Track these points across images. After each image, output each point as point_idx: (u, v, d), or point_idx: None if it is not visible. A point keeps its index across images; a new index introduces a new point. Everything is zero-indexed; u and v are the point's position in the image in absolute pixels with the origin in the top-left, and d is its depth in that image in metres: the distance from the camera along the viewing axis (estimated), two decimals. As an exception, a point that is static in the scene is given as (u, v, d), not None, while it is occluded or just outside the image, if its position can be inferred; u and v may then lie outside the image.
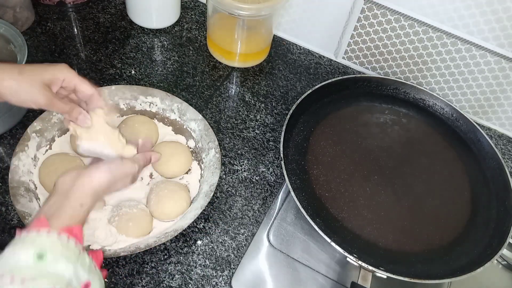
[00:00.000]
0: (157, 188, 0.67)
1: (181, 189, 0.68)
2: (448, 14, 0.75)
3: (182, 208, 0.67)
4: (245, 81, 0.86)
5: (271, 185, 0.73)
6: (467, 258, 0.64)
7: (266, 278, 0.64)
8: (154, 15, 0.89)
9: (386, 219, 0.67)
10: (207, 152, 0.72)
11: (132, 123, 0.74)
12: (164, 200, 0.66)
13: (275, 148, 0.78)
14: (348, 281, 0.64)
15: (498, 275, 0.69)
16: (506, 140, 0.87)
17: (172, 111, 0.76)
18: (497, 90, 0.81)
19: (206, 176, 0.70)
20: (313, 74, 0.89)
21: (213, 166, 0.70)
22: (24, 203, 0.61)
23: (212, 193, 0.66)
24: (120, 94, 0.76)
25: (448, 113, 0.81)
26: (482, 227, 0.68)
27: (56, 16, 0.90)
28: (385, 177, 0.72)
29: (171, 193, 0.67)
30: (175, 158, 0.71)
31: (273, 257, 0.66)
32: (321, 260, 0.66)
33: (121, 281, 0.61)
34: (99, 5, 0.93)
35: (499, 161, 0.73)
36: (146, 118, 0.75)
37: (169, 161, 0.70)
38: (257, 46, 0.87)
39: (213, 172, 0.69)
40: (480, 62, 0.79)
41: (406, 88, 0.83)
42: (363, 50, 0.88)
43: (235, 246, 0.66)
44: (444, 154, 0.77)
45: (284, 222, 0.69)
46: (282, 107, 0.83)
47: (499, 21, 0.72)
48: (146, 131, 0.73)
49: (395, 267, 0.60)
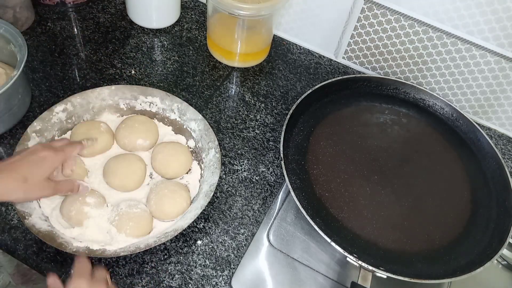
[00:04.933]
0: (157, 188, 0.68)
1: (181, 189, 0.68)
2: (448, 14, 0.75)
3: (182, 208, 0.67)
4: (245, 81, 0.86)
5: (271, 185, 0.73)
6: (467, 258, 0.64)
7: (266, 278, 0.64)
8: (154, 15, 0.89)
9: (386, 219, 0.67)
10: (207, 152, 0.72)
11: (132, 123, 0.74)
12: (164, 200, 0.66)
13: (275, 148, 0.78)
14: (348, 281, 0.64)
15: (498, 275, 0.69)
16: (506, 140, 0.87)
17: (172, 111, 0.76)
18: (497, 90, 0.81)
19: (206, 176, 0.70)
20: (313, 74, 0.89)
21: (213, 166, 0.70)
22: (24, 203, 0.61)
23: (212, 193, 0.66)
24: (120, 94, 0.76)
25: (448, 113, 0.81)
26: (482, 227, 0.68)
27: (56, 16, 0.90)
28: (385, 177, 0.72)
29: (171, 193, 0.67)
30: (175, 158, 0.71)
31: (273, 257, 0.66)
32: (321, 260, 0.66)
33: (121, 281, 0.61)
34: (99, 5, 0.93)
35: (499, 161, 0.73)
36: (146, 118, 0.75)
37: (169, 161, 0.70)
38: (257, 46, 0.87)
39: (213, 172, 0.69)
40: (480, 62, 0.79)
41: (406, 88, 0.83)
42: (363, 50, 0.88)
43: (235, 246, 0.66)
44: (444, 154, 0.77)
45: (284, 222, 0.69)
46: (282, 107, 0.83)
47: (499, 21, 0.72)
48: (146, 131, 0.73)
49: (395, 267, 0.60)
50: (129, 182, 0.69)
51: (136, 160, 0.70)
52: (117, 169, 0.69)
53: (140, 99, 0.76)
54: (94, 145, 0.69)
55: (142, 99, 0.76)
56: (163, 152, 0.71)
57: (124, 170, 0.69)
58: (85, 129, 0.71)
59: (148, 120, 0.75)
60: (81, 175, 0.68)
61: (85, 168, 0.70)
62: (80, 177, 0.68)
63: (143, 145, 0.73)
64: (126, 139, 0.73)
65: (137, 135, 0.72)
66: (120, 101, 0.76)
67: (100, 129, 0.72)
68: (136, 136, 0.72)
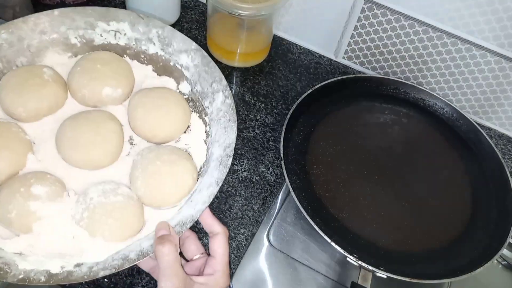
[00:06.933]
0: (144, 161, 0.46)
1: (180, 157, 0.47)
2: (448, 13, 0.75)
3: (186, 187, 0.46)
4: (245, 81, 0.86)
5: (271, 185, 0.73)
6: (467, 258, 0.64)
7: (266, 278, 0.64)
8: (154, 15, 0.89)
9: (386, 219, 0.67)
10: (212, 97, 0.50)
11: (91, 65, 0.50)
12: (157, 178, 0.45)
13: (275, 148, 0.78)
14: (348, 281, 0.64)
15: (498, 275, 0.69)
16: (506, 140, 0.87)
17: (150, 41, 0.53)
18: (497, 90, 0.81)
19: (215, 134, 0.49)
20: (313, 74, 0.89)
21: (224, 117, 0.48)
22: None
23: (229, 158, 0.46)
24: (69, 22, 0.52)
25: (448, 113, 0.81)
26: (482, 227, 0.68)
27: (56, 16, 0.90)
28: (385, 177, 0.72)
29: (167, 166, 0.46)
30: (165, 112, 0.49)
31: (273, 257, 0.66)
32: (321, 260, 0.66)
33: (121, 281, 0.61)
34: (99, 5, 0.93)
35: (499, 161, 0.73)
36: (112, 55, 0.52)
37: (156, 118, 0.49)
38: (257, 46, 0.87)
39: (226, 126, 0.48)
40: (480, 62, 0.79)
41: (406, 88, 0.83)
42: (363, 50, 0.88)
43: (235, 246, 0.66)
44: (444, 154, 0.77)
45: (284, 222, 0.69)
46: (282, 107, 0.83)
47: (500, 21, 0.72)
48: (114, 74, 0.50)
49: (395, 267, 0.60)
50: (99, 154, 0.46)
51: (106, 118, 0.48)
52: (77, 135, 0.46)
53: (100, 28, 0.53)
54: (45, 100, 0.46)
55: (102, 27, 0.53)
56: (145, 104, 0.49)
57: (89, 136, 0.46)
58: (21, 79, 0.48)
59: (115, 57, 0.52)
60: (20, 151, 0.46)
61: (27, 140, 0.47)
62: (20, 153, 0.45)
63: (113, 96, 0.50)
64: (85, 88, 0.50)
65: (102, 82, 0.50)
66: (70, 33, 0.53)
67: (44, 77, 0.49)
68: (101, 82, 0.50)
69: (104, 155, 0.47)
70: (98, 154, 0.47)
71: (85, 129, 0.46)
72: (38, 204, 0.42)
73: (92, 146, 0.46)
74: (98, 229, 0.43)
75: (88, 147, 0.46)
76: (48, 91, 0.49)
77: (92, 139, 0.46)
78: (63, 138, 0.46)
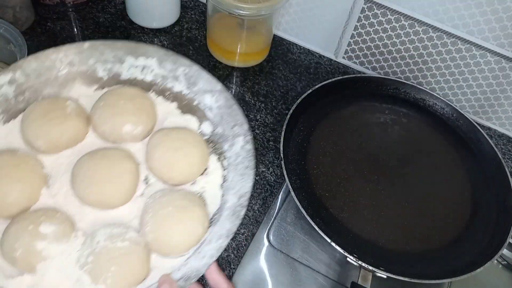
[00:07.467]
0: (156, 205, 0.46)
1: (193, 203, 0.46)
2: (448, 13, 0.75)
3: (196, 236, 0.45)
4: (245, 81, 0.86)
5: (271, 185, 0.73)
6: (467, 258, 0.64)
7: (266, 278, 0.64)
8: (154, 15, 0.89)
9: (386, 219, 0.67)
10: (232, 140, 0.50)
11: (115, 100, 0.50)
12: (167, 225, 0.44)
13: (275, 148, 0.78)
14: (348, 281, 0.64)
15: (498, 275, 0.69)
16: (506, 140, 0.87)
17: (176, 79, 0.53)
18: (497, 90, 0.81)
19: (231, 180, 0.48)
20: (313, 74, 0.89)
21: (243, 163, 0.47)
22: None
23: (243, 209, 0.44)
24: (97, 54, 0.52)
25: (448, 113, 0.81)
26: (482, 227, 0.68)
27: (56, 16, 0.90)
28: (385, 177, 0.72)
29: (178, 212, 0.45)
30: (184, 153, 0.48)
31: (273, 257, 0.66)
32: (321, 260, 0.66)
33: (121, 281, 0.61)
34: (99, 5, 0.93)
35: (499, 161, 0.73)
36: (137, 91, 0.52)
37: (173, 160, 0.48)
38: (257, 46, 0.87)
39: (242, 174, 0.47)
40: (480, 62, 0.79)
41: (406, 88, 0.83)
42: (363, 50, 0.88)
43: (235, 246, 0.66)
44: (444, 154, 0.77)
45: (284, 222, 0.69)
46: (282, 107, 0.83)
47: (499, 21, 0.72)
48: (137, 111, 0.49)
49: (395, 267, 0.60)
50: (112, 194, 0.46)
51: (123, 157, 0.48)
52: (93, 173, 0.46)
53: (128, 62, 0.53)
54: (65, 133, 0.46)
55: (130, 61, 0.53)
56: (164, 144, 0.49)
57: (104, 176, 0.46)
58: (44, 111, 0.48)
59: (140, 94, 0.52)
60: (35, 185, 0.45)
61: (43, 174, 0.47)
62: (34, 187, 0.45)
63: (133, 134, 0.50)
64: (106, 124, 0.50)
65: (124, 118, 0.49)
66: (98, 66, 0.53)
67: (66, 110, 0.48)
68: (122, 119, 0.49)
69: (117, 196, 0.47)
70: (111, 194, 0.46)
71: (101, 166, 0.46)
72: (44, 244, 0.42)
73: (105, 186, 0.46)
74: (101, 276, 0.42)
75: (102, 187, 0.45)
76: (69, 125, 0.48)
77: (107, 179, 0.45)
78: (79, 174, 0.46)
